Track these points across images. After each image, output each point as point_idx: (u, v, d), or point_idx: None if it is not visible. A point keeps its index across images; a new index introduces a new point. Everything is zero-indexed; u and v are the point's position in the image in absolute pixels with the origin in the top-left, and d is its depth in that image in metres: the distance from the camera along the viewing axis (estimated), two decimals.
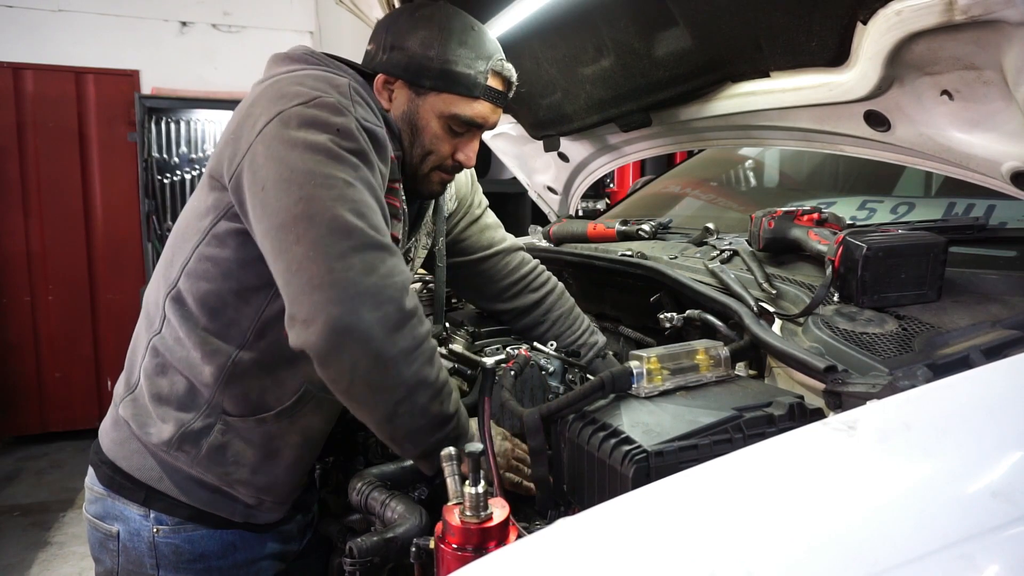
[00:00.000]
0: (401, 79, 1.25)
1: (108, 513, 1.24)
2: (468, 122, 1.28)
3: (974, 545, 0.58)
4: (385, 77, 1.26)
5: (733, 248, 1.51)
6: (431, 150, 1.29)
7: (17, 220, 4.64)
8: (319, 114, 1.07)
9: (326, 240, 1.00)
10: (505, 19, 1.68)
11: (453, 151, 1.31)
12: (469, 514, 0.85)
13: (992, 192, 1.21)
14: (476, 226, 1.62)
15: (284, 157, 1.05)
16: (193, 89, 4.86)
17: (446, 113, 1.26)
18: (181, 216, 1.26)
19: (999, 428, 0.70)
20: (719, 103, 1.61)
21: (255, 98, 1.15)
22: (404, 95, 1.26)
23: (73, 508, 3.84)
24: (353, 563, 0.99)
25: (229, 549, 1.24)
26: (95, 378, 4.90)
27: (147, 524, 1.21)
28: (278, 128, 1.07)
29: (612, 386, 0.98)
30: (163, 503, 1.20)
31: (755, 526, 0.61)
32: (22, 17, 4.66)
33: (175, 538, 1.21)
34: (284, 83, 1.14)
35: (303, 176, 1.03)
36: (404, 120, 1.27)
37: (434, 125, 1.27)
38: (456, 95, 1.25)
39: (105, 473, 1.24)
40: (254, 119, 1.10)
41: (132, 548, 1.22)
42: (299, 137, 1.05)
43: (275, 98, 1.11)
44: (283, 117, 1.07)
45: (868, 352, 1.01)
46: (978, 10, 0.94)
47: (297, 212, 1.02)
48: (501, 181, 4.98)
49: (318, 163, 1.04)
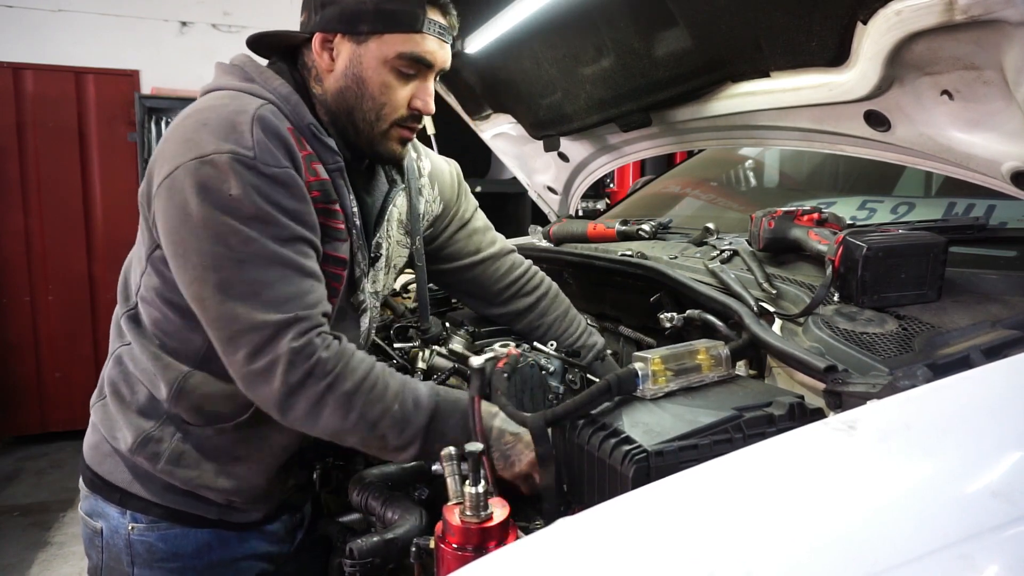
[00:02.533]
0: (338, 32, 1.19)
1: (93, 510, 1.28)
2: (416, 59, 1.19)
3: (974, 545, 0.58)
4: (323, 36, 1.20)
5: (733, 248, 1.51)
6: (384, 101, 1.21)
7: (17, 220, 4.64)
8: (211, 177, 1.05)
9: (218, 323, 1.07)
10: (505, 19, 1.68)
11: (408, 100, 1.23)
12: (469, 514, 0.85)
13: (992, 192, 1.21)
14: (464, 231, 1.56)
15: (177, 229, 1.07)
16: (193, 89, 4.80)
17: (391, 55, 1.18)
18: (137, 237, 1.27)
19: (999, 428, 0.70)
20: (719, 103, 1.60)
21: (168, 133, 1.15)
22: (346, 49, 1.19)
23: (73, 508, 3.84)
24: (353, 564, 0.98)
25: (204, 549, 1.25)
26: (95, 378, 4.84)
27: (123, 522, 1.24)
28: (174, 188, 1.07)
29: (618, 389, 0.97)
30: (138, 503, 1.24)
31: (755, 526, 0.61)
32: (22, 17, 4.66)
33: (149, 536, 1.23)
34: (191, 124, 1.11)
35: (195, 255, 1.06)
36: (351, 77, 1.20)
37: (382, 73, 1.19)
38: (398, 33, 1.18)
39: (86, 476, 1.30)
40: (161, 163, 1.11)
41: (112, 545, 1.25)
42: (191, 206, 1.05)
43: (179, 142, 1.10)
44: (180, 173, 1.06)
45: (868, 352, 1.01)
46: (978, 10, 0.94)
47: (193, 291, 1.08)
48: (501, 181, 4.98)
49: (207, 242, 1.05)
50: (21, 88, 4.58)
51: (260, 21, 5.10)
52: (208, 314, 1.08)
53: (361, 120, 1.22)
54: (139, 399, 1.22)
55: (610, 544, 0.62)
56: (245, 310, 1.04)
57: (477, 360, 1.07)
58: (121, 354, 1.26)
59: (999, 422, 0.71)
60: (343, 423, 1.07)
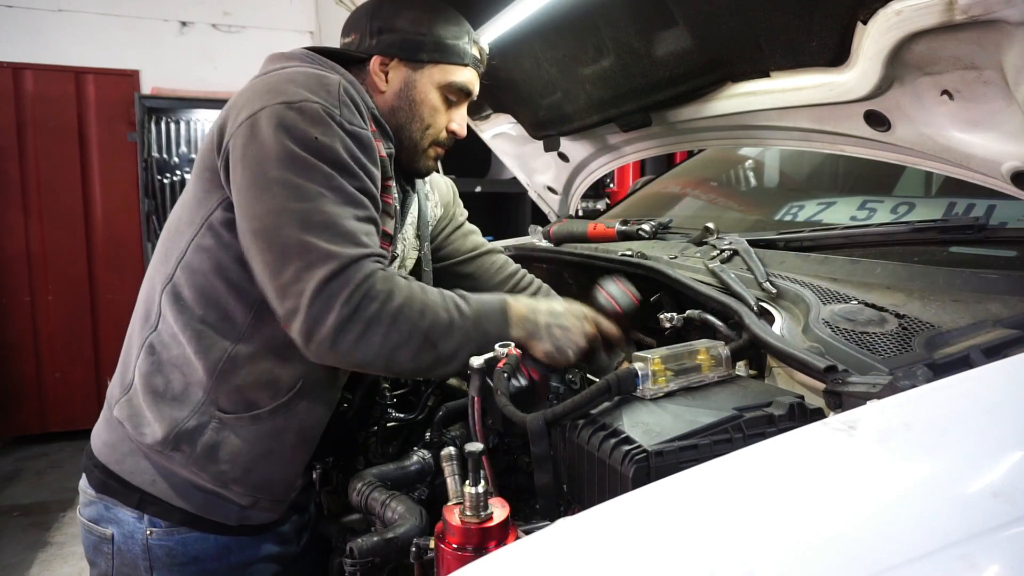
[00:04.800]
0: (397, 57, 1.33)
1: (102, 516, 1.24)
2: (462, 88, 1.38)
3: (974, 545, 0.58)
4: (381, 59, 1.33)
5: (733, 248, 1.51)
6: (430, 123, 1.37)
7: (17, 220, 4.64)
8: (299, 120, 1.10)
9: (290, 253, 1.07)
10: (505, 19, 1.68)
11: (447, 123, 1.39)
12: (469, 514, 0.85)
13: (992, 192, 1.21)
14: (460, 231, 1.70)
15: (260, 162, 1.09)
16: (193, 89, 4.86)
17: (443, 82, 1.35)
18: (174, 211, 1.28)
19: (999, 428, 0.70)
20: (719, 103, 1.60)
21: (244, 89, 1.19)
22: (401, 73, 1.34)
23: (73, 508, 3.84)
24: (353, 563, 0.99)
25: (224, 552, 1.24)
26: (95, 378, 4.90)
27: (140, 527, 1.21)
28: (259, 126, 1.10)
29: (618, 388, 0.97)
30: (156, 507, 1.20)
31: (755, 526, 0.61)
32: (22, 17, 4.67)
33: (169, 540, 1.21)
34: (273, 78, 1.18)
35: (276, 185, 1.08)
36: (402, 97, 1.35)
37: (432, 96, 1.35)
38: (451, 64, 1.35)
39: (97, 477, 1.24)
40: (238, 109, 1.14)
41: (126, 551, 1.22)
42: (275, 142, 1.09)
43: (261, 91, 1.14)
44: (266, 114, 1.10)
45: (868, 352, 1.01)
46: (978, 10, 0.94)
47: (268, 223, 1.08)
48: (501, 181, 4.97)
49: (290, 173, 1.08)
50: (21, 88, 4.59)
51: (260, 21, 5.15)
52: (278, 246, 1.07)
53: (407, 137, 1.37)
54: (174, 388, 1.19)
55: (610, 544, 0.62)
56: (322, 241, 1.07)
57: (477, 360, 1.07)
58: (152, 342, 1.22)
59: (999, 422, 0.71)
60: (399, 337, 1.09)
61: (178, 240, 1.21)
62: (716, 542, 0.60)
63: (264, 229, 1.09)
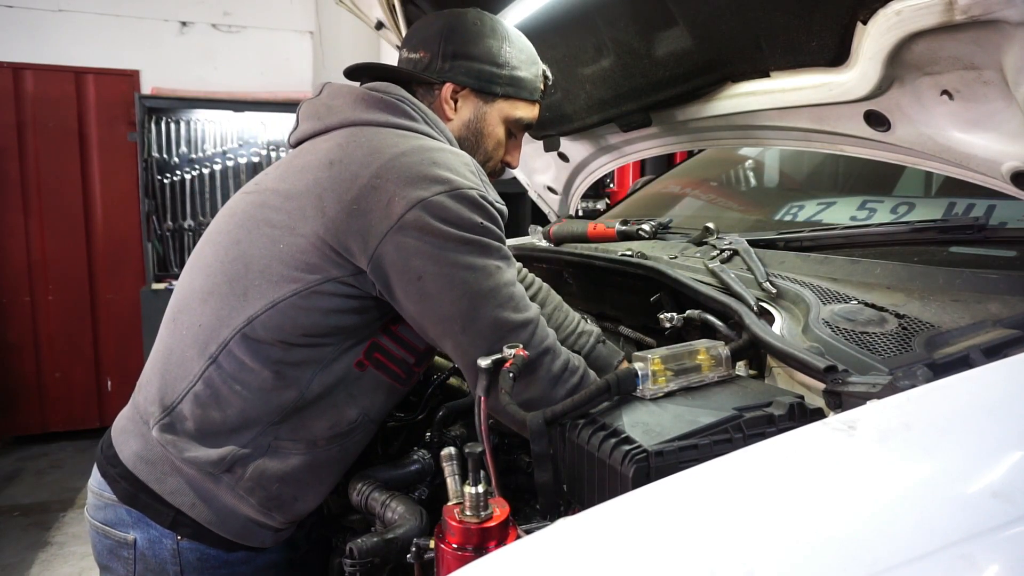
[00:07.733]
0: (470, 88, 1.31)
1: (122, 521, 1.19)
2: (528, 124, 1.38)
3: (974, 545, 0.58)
4: (454, 87, 1.31)
5: (733, 248, 1.51)
6: (491, 156, 1.37)
7: (17, 220, 4.64)
8: (463, 210, 1.10)
9: (487, 334, 1.09)
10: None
11: (504, 154, 1.40)
12: (469, 514, 0.85)
13: (992, 192, 1.21)
14: None
15: (440, 254, 1.08)
16: (193, 89, 4.86)
17: (512, 117, 1.35)
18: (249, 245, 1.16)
19: (999, 428, 0.70)
20: (719, 103, 1.60)
21: (379, 168, 1.11)
22: (471, 104, 1.33)
23: (73, 508, 3.84)
24: (353, 564, 0.99)
25: (252, 554, 1.23)
26: (95, 378, 4.90)
27: (170, 531, 1.17)
28: (425, 219, 1.07)
29: (617, 388, 0.97)
30: (190, 529, 1.17)
31: (755, 526, 0.61)
32: (22, 17, 4.66)
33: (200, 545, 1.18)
34: (413, 158, 1.12)
35: (463, 271, 1.09)
36: (470, 128, 1.34)
37: (499, 131, 1.36)
38: (522, 100, 1.35)
39: (126, 489, 1.18)
40: (387, 198, 1.08)
41: (152, 556, 1.18)
42: (450, 233, 1.08)
43: (411, 179, 1.09)
44: (428, 207, 1.07)
45: (868, 352, 1.01)
46: (978, 10, 0.94)
47: (462, 307, 1.09)
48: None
49: (473, 258, 1.10)
50: (21, 88, 4.58)
51: (260, 21, 5.14)
52: (473, 327, 1.09)
53: None
54: (231, 420, 1.14)
55: (610, 544, 0.62)
56: (510, 316, 1.10)
57: (483, 360, 1.07)
58: (212, 375, 1.14)
59: (999, 422, 0.71)
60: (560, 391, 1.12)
61: (263, 287, 1.13)
62: (716, 542, 0.60)
63: (458, 314, 1.09)
